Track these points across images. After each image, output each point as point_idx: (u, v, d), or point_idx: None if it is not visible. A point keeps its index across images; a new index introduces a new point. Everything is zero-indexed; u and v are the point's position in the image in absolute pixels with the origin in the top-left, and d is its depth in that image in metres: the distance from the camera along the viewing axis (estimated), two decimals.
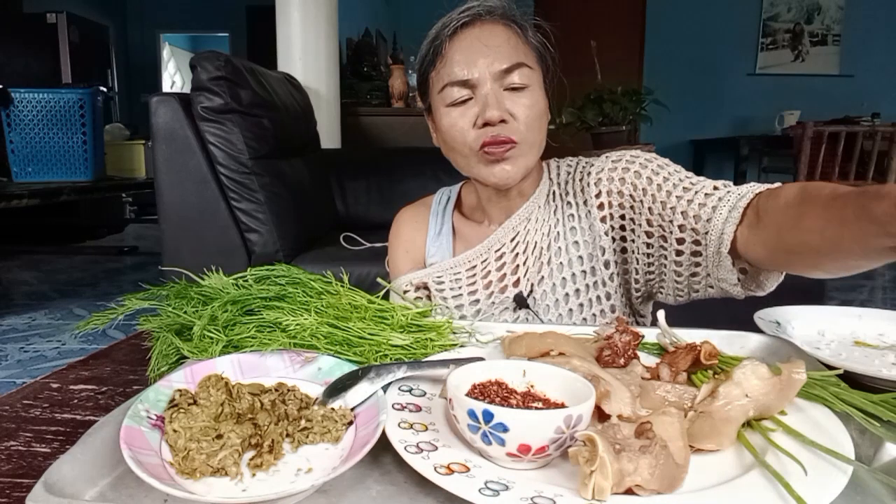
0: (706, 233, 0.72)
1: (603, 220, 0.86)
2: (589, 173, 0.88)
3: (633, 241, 0.84)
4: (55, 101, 2.93)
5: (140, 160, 3.54)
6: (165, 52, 8.55)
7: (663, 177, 0.80)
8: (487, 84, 0.80)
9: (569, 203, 0.89)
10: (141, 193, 3.53)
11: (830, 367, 0.57)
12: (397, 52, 3.67)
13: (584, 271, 0.87)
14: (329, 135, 2.98)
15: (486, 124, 0.80)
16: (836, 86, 6.18)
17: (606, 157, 0.88)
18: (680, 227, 0.75)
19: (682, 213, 0.75)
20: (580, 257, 0.87)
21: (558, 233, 0.89)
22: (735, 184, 0.75)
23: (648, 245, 0.82)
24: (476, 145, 0.82)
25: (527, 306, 0.88)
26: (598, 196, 0.86)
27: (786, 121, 5.35)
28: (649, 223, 0.80)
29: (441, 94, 0.83)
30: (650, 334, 0.69)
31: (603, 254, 0.87)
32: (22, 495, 0.45)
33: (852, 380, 0.58)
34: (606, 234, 0.86)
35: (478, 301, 0.91)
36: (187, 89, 1.93)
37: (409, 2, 6.14)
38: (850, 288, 3.68)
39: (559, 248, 0.88)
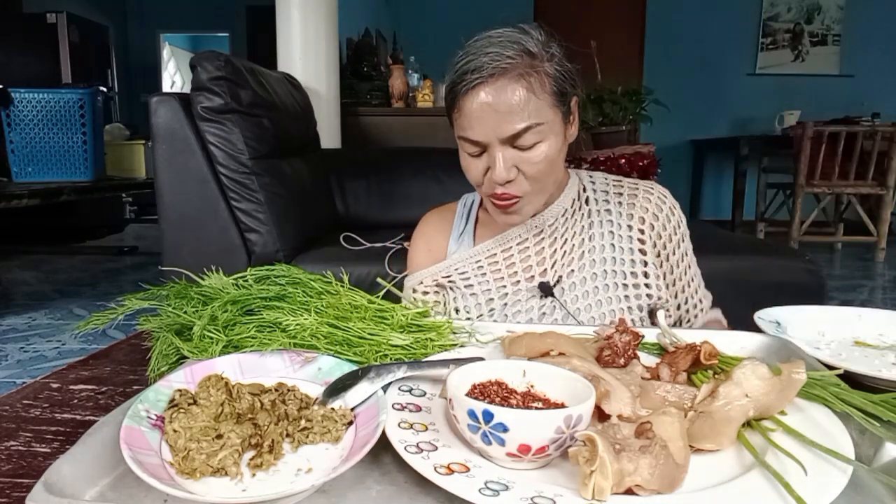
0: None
1: (642, 241, 0.93)
2: (634, 195, 0.95)
3: (656, 274, 0.94)
4: (55, 101, 2.93)
5: (140, 160, 3.54)
6: (165, 52, 8.55)
7: (687, 263, 0.97)
8: (496, 146, 0.82)
9: (608, 211, 0.95)
10: (141, 193, 3.53)
11: (830, 367, 0.57)
12: (397, 52, 3.67)
13: (614, 271, 0.93)
14: (329, 135, 2.97)
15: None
16: (836, 86, 6.18)
17: (650, 190, 0.96)
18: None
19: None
20: (613, 258, 0.93)
21: (593, 234, 0.94)
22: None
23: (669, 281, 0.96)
24: (486, 192, 0.88)
25: (552, 295, 0.92)
26: (640, 221, 0.94)
27: (786, 121, 5.35)
28: (664, 277, 0.95)
29: (458, 139, 0.87)
30: (650, 334, 0.69)
31: (632, 265, 0.93)
32: (22, 495, 0.45)
33: (852, 380, 0.58)
34: (642, 252, 0.93)
35: (504, 287, 0.94)
36: (187, 89, 1.93)
37: (409, 2, 6.14)
38: (850, 288, 3.68)
39: (593, 246, 0.93)
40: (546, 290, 0.91)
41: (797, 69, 6.29)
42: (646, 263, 0.93)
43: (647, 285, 0.92)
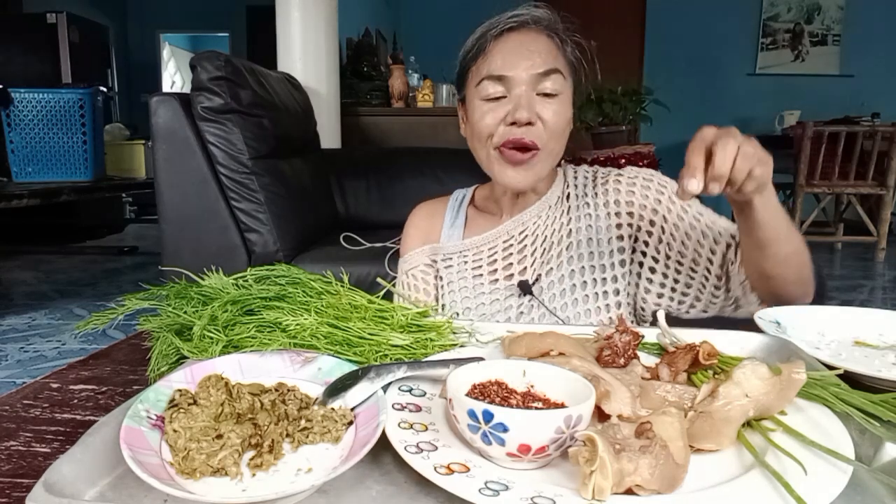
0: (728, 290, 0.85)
1: (619, 227, 0.93)
2: (606, 181, 0.96)
3: (643, 256, 0.91)
4: (55, 101, 2.93)
5: (140, 160, 3.54)
6: (165, 52, 8.55)
7: (677, 214, 0.89)
8: (523, 86, 0.85)
9: (587, 203, 0.95)
10: (141, 193, 3.53)
11: (830, 367, 0.57)
12: (397, 52, 3.67)
13: (592, 266, 0.93)
14: (329, 135, 2.97)
15: (513, 123, 0.85)
16: (836, 86, 6.18)
17: (622, 172, 0.96)
18: (707, 269, 0.86)
19: (706, 264, 0.85)
20: (591, 253, 0.93)
21: (570, 229, 0.94)
22: None
23: (655, 262, 0.90)
24: (499, 141, 0.87)
25: (530, 293, 0.92)
26: (615, 204, 0.93)
27: (786, 121, 5.35)
28: (657, 250, 0.89)
29: (477, 88, 0.88)
30: (650, 334, 0.69)
31: (611, 255, 0.93)
32: (22, 495, 0.45)
33: (852, 380, 0.58)
34: (620, 238, 0.93)
35: (483, 285, 0.96)
36: (187, 89, 1.93)
37: (409, 2, 6.14)
38: (850, 288, 3.68)
39: (570, 242, 0.94)
40: (525, 288, 0.92)
41: (797, 69, 6.29)
42: (622, 250, 0.92)
43: (625, 274, 0.92)
